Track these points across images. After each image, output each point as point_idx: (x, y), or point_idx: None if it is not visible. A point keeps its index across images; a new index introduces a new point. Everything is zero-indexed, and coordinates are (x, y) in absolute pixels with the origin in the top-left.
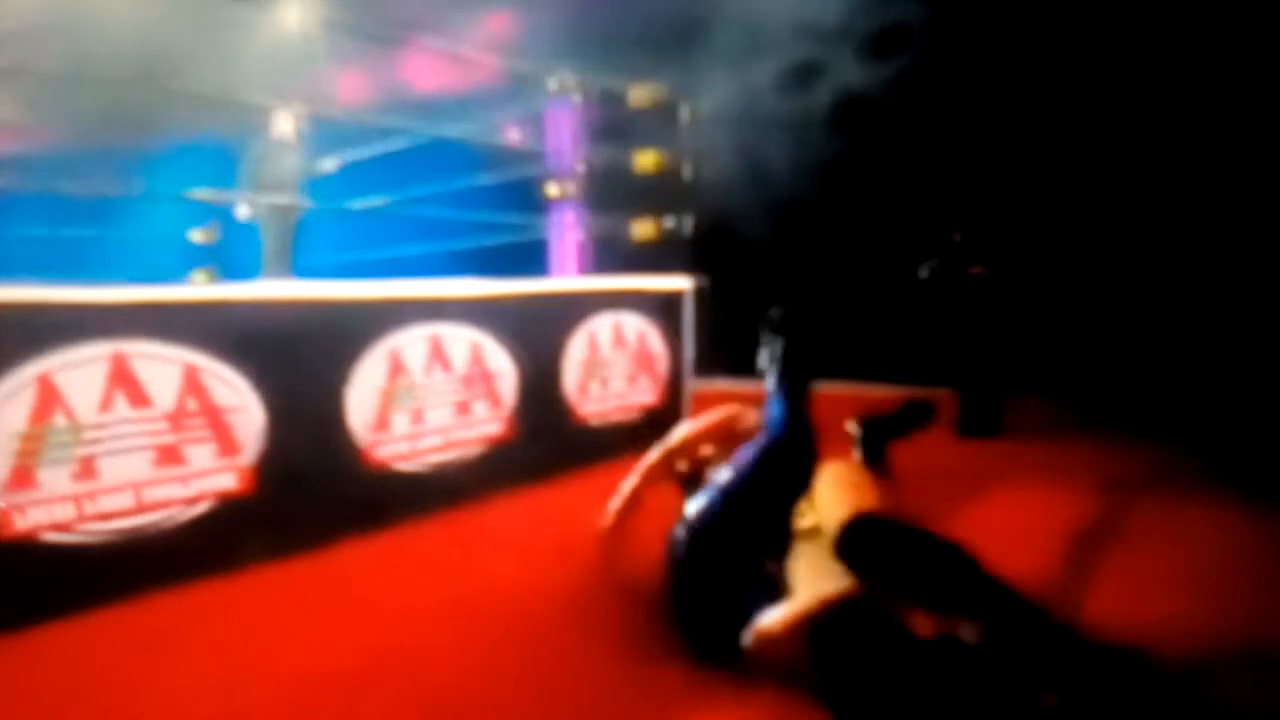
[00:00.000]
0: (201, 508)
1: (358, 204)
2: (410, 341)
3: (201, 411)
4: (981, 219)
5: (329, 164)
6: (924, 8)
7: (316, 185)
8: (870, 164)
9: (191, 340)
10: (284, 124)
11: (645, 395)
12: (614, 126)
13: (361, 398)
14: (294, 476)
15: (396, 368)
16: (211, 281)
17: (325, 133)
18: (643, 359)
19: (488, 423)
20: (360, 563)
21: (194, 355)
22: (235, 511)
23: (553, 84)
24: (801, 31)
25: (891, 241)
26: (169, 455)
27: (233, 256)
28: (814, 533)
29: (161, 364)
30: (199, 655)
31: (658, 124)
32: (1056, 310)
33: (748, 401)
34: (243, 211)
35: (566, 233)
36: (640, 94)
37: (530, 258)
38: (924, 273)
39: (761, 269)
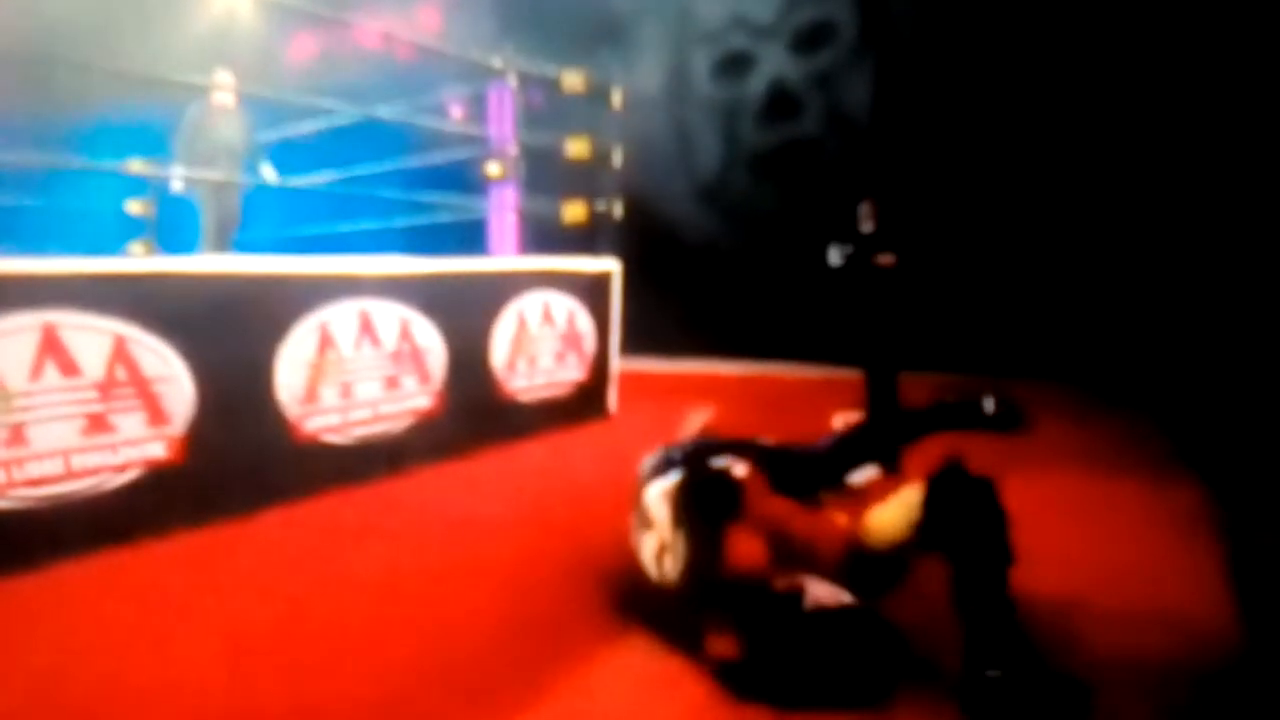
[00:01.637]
0: (130, 475)
1: (298, 181)
2: (339, 316)
3: (131, 381)
4: (894, 204)
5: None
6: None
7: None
8: (791, 153)
9: (121, 312)
10: (223, 93)
11: (573, 372)
12: (547, 109)
13: (291, 370)
14: (223, 447)
15: (326, 342)
16: (149, 253)
17: (267, 108)
18: (570, 338)
19: (416, 397)
20: (287, 531)
21: (124, 326)
22: (164, 479)
23: (496, 63)
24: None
25: (808, 226)
26: (98, 424)
27: (172, 228)
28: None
29: (91, 334)
30: (125, 618)
31: (589, 108)
32: (966, 288)
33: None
34: (177, 185)
35: (505, 212)
36: (572, 79)
37: (470, 236)
38: (836, 260)
39: (684, 252)
